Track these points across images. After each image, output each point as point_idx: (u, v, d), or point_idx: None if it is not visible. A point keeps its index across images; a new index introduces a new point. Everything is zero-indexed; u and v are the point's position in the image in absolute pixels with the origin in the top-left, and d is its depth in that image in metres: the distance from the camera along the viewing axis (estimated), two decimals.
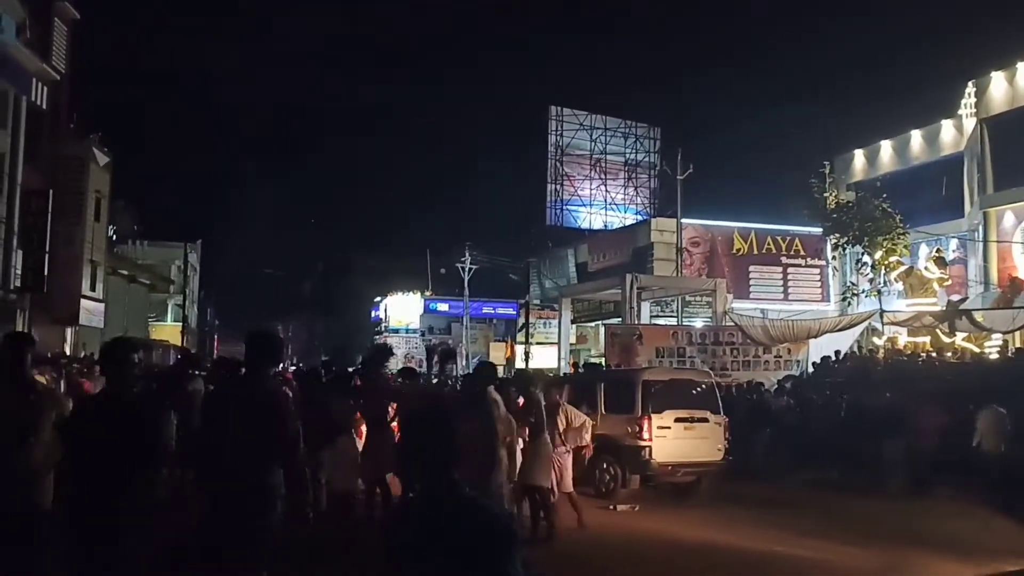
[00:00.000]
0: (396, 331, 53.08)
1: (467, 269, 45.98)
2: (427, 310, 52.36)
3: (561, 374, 23.18)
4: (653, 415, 13.20)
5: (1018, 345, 20.46)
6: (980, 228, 28.39)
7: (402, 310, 53.30)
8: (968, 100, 29.35)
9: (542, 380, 11.87)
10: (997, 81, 28.11)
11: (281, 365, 16.53)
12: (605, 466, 13.21)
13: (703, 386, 14.47)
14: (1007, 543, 9.74)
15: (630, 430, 13.21)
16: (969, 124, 29.52)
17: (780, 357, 23.10)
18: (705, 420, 13.70)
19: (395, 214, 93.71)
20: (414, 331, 52.79)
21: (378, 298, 56.34)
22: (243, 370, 5.81)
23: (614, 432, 13.19)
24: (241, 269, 65.63)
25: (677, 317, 31.76)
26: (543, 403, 10.04)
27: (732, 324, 24.51)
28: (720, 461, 13.61)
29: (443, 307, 51.95)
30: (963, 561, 8.93)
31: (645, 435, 13.05)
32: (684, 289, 31.19)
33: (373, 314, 57.77)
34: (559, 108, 44.85)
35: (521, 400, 10.37)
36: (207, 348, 49.57)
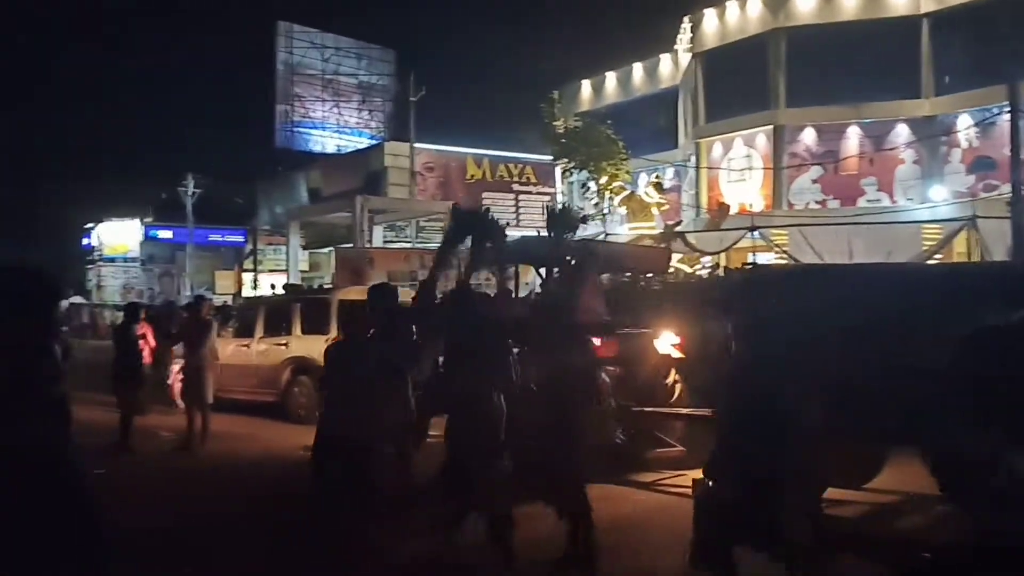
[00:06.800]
0: (112, 260, 48.71)
1: (191, 193, 42.62)
2: (147, 237, 48.36)
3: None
4: None
5: (726, 264, 21.67)
6: (693, 157, 30.04)
7: (118, 237, 48.87)
8: (683, 36, 30.65)
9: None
10: (710, 18, 29.50)
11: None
12: (296, 390, 12.93)
13: None
14: None
15: None
16: (685, 59, 30.93)
17: None
18: None
19: (111, 132, 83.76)
20: (133, 260, 48.71)
21: (90, 224, 51.14)
22: None
23: (311, 353, 12.40)
24: None
25: (411, 243, 31.20)
26: None
27: None
28: None
29: (166, 234, 48.08)
30: None
31: None
32: (417, 211, 30.58)
33: (85, 242, 52.41)
34: (289, 25, 42.25)
35: None
36: None
